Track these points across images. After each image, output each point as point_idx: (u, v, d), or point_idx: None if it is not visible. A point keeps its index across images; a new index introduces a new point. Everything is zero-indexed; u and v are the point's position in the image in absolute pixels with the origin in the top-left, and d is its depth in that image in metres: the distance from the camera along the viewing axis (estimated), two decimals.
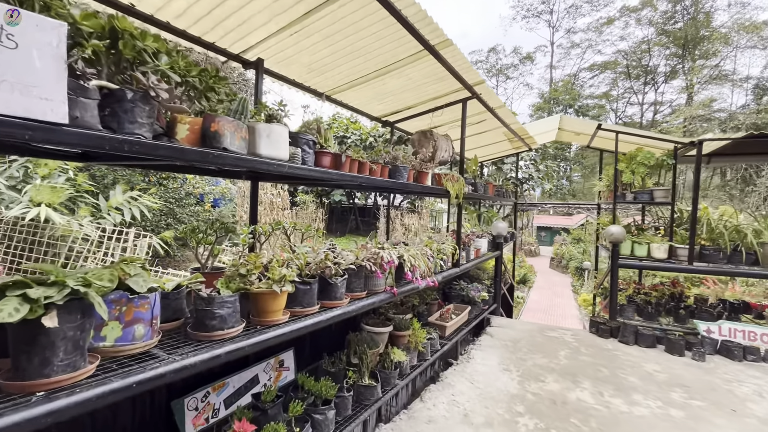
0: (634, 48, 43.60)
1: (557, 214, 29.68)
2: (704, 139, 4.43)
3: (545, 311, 11.85)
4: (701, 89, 39.05)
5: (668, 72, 41.92)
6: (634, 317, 5.07)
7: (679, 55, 40.52)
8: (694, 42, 38.59)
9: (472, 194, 4.40)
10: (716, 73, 38.15)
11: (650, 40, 42.03)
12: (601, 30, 46.05)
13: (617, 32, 46.31)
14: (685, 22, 39.04)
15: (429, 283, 2.85)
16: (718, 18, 37.70)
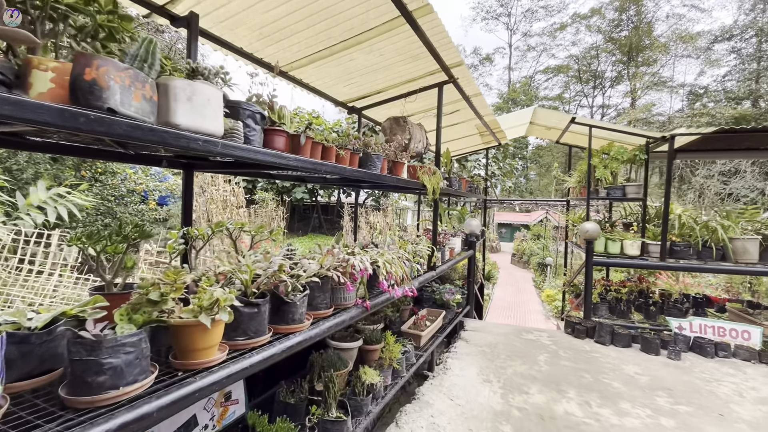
0: (584, 53, 45.93)
1: (516, 211, 30.55)
2: (676, 133, 4.36)
3: (511, 308, 11.91)
4: (643, 94, 41.91)
5: (614, 77, 44.57)
6: (606, 315, 4.97)
7: (624, 61, 43.15)
8: (637, 50, 41.26)
9: (447, 189, 4.04)
10: (656, 80, 41.07)
11: (599, 46, 44.44)
12: (555, 35, 48.15)
13: (569, 38, 48.65)
14: (630, 31, 41.62)
15: (407, 292, 2.43)
16: (658, 28, 40.43)
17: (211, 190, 7.98)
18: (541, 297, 12.80)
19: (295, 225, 30.28)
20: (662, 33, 40.70)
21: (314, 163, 1.71)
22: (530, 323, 10.28)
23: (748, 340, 4.15)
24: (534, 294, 14.06)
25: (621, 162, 4.70)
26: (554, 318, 10.45)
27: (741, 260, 4.30)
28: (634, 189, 4.74)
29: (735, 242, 4.23)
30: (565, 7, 50.48)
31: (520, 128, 6.32)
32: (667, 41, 39.83)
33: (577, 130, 5.52)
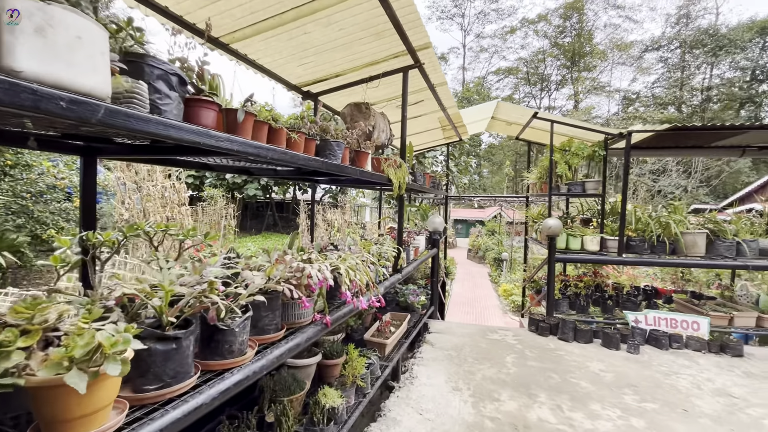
0: (532, 57, 48.14)
1: (474, 208, 31.34)
2: (632, 130, 4.42)
3: (470, 303, 12.03)
4: (585, 97, 44.87)
5: (559, 80, 47.25)
6: (567, 311, 4.99)
7: (568, 66, 45.82)
8: (579, 55, 43.96)
9: (412, 185, 3.76)
10: (595, 84, 44.10)
11: (545, 51, 46.79)
12: (506, 38, 50.01)
13: (519, 41, 50.70)
14: (573, 38, 44.23)
15: (373, 302, 2.11)
16: (597, 36, 43.36)
17: (147, 185, 7.12)
18: (498, 292, 13.08)
19: (248, 223, 28.84)
20: (601, 41, 43.69)
21: (257, 147, 1.32)
22: (489, 319, 10.41)
23: (698, 331, 4.32)
24: (491, 289, 14.37)
25: (581, 158, 4.70)
26: (511, 312, 10.68)
27: (690, 253, 4.46)
28: (593, 185, 4.77)
29: (686, 236, 4.38)
30: (514, 12, 52.67)
31: (481, 123, 6.23)
32: (605, 49, 42.86)
33: (538, 125, 5.50)
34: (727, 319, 4.45)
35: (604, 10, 43.59)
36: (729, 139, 4.89)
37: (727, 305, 4.84)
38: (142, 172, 7.16)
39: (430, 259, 5.12)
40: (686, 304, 4.97)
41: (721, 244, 4.41)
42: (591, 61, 44.19)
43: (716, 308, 4.63)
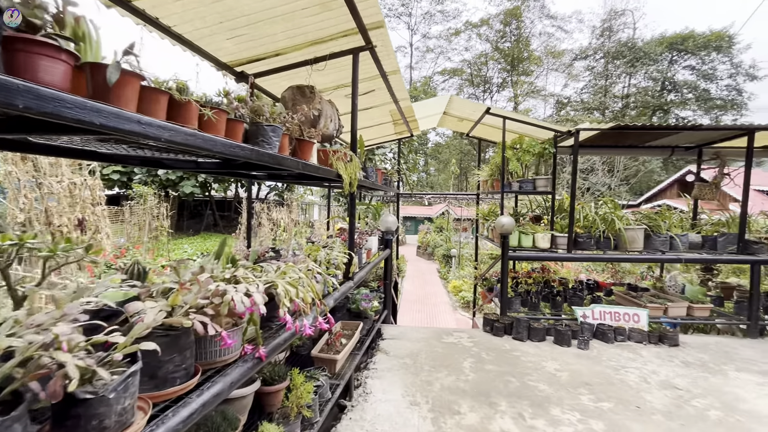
0: (475, 59, 50.00)
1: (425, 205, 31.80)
2: (580, 128, 4.48)
3: (420, 301, 12.00)
4: (523, 100, 47.59)
5: (500, 83, 49.61)
6: (520, 309, 4.98)
7: (508, 70, 48.23)
8: (518, 60, 46.45)
9: (363, 182, 3.43)
10: (533, 88, 46.95)
11: (487, 54, 48.81)
12: (451, 39, 51.39)
13: (463, 43, 52.36)
14: (512, 43, 46.61)
15: (321, 324, 1.75)
16: (534, 43, 46.13)
17: (50, 181, 6.02)
18: (447, 289, 13.23)
19: (185, 223, 26.63)
20: (537, 47, 46.56)
21: (145, 124, 0.90)
22: (440, 316, 10.44)
23: (638, 323, 4.49)
24: (440, 285, 14.53)
25: (533, 155, 4.69)
26: (461, 309, 10.80)
27: (631, 248, 4.64)
28: (543, 182, 4.78)
29: (628, 232, 4.53)
30: (459, 14, 54.28)
31: (433, 118, 6.06)
32: (541, 55, 45.75)
33: (488, 122, 5.44)
34: (662, 309, 4.69)
35: (539, 18, 46.43)
36: (661, 140, 5.18)
37: (660, 296, 5.14)
38: (43, 166, 6.05)
39: (383, 261, 4.84)
40: (625, 296, 5.19)
41: (656, 238, 4.63)
42: (528, 66, 46.90)
43: (652, 300, 4.88)
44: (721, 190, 5.17)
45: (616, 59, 38.02)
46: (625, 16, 39.34)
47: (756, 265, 4.47)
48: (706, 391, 3.24)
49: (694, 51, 34.92)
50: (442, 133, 50.49)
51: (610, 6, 40.53)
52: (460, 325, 9.59)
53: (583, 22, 54.04)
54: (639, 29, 42.07)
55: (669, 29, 42.63)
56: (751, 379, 3.48)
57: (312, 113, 2.19)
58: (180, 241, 20.50)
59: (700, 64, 35.39)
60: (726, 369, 3.70)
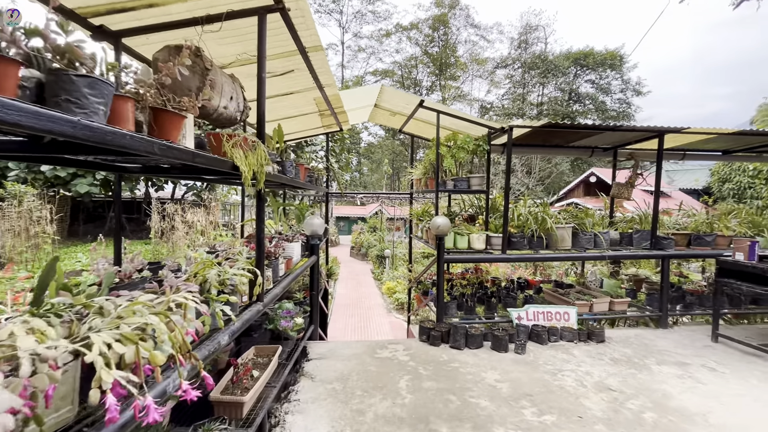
0: (406, 61, 50.93)
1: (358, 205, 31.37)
2: (513, 125, 4.36)
3: (354, 305, 11.53)
4: (450, 104, 49.67)
5: (429, 86, 51.21)
6: (456, 313, 4.75)
7: (436, 73, 49.93)
8: (446, 65, 48.35)
9: (279, 177, 2.83)
10: (459, 93, 49.23)
11: (417, 57, 50.01)
12: (382, 40, 51.70)
13: (394, 45, 53.03)
14: (440, 48, 48.35)
15: (189, 393, 1.15)
16: (460, 49, 48.35)
17: None
18: (382, 290, 12.94)
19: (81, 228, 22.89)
20: (462, 54, 48.89)
21: None
22: (374, 320, 10.07)
23: (568, 321, 4.52)
24: (374, 287, 14.21)
25: (467, 152, 4.47)
26: (396, 311, 10.56)
27: (560, 247, 4.65)
28: (477, 180, 4.60)
29: (558, 231, 4.53)
30: (390, 16, 54.92)
31: (363, 111, 5.61)
32: (466, 62, 48.16)
33: (423, 117, 5.14)
34: (588, 306, 4.79)
35: (464, 27, 48.76)
36: (583, 140, 5.33)
37: (585, 292, 5.29)
38: None
39: (309, 269, 4.25)
40: (554, 294, 5.26)
41: (583, 236, 4.70)
42: (455, 71, 49.03)
43: (579, 297, 4.98)
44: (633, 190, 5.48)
45: (532, 70, 41.46)
46: (538, 31, 43.07)
47: (666, 260, 4.75)
48: (637, 390, 3.23)
49: (594, 67, 39.48)
50: (374, 133, 50.67)
51: (525, 21, 44.03)
52: (394, 328, 9.31)
53: (503, 33, 58.16)
54: (550, 44, 46.46)
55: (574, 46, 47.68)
56: (671, 372, 3.59)
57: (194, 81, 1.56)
58: (74, 249, 17.48)
59: (598, 79, 40.12)
60: (648, 363, 3.79)
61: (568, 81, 40.14)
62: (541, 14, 54.23)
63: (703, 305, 5.06)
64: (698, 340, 4.41)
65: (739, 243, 4.15)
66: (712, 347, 4.22)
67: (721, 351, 4.12)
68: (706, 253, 4.79)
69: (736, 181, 20.53)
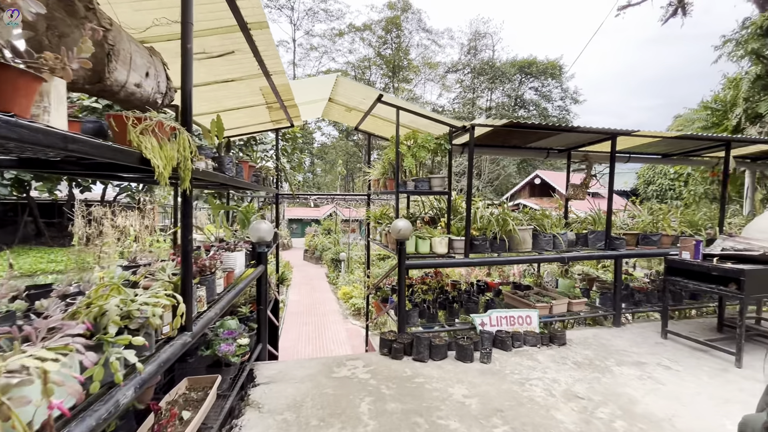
0: (359, 62, 50.63)
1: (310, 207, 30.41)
2: (475, 123, 4.20)
3: (308, 312, 10.96)
4: None
5: (383, 88, 51.31)
6: (418, 322, 4.49)
7: (390, 75, 50.19)
8: (399, 68, 48.73)
9: (212, 175, 2.36)
10: (412, 95, 49.86)
11: (370, 58, 49.90)
12: (335, 40, 50.96)
13: (347, 45, 52.50)
14: (393, 50, 48.66)
15: None
16: (412, 53, 48.98)
17: None
18: (337, 295, 12.47)
19: None
20: (415, 57, 49.59)
21: None
22: (330, 327, 9.60)
23: (530, 325, 4.44)
24: (329, 291, 13.70)
25: (428, 150, 4.23)
26: (352, 317, 10.17)
27: (521, 249, 4.57)
28: (439, 181, 4.38)
29: (519, 233, 4.43)
30: (342, 16, 54.31)
31: (317, 106, 5.18)
32: (419, 65, 48.91)
33: (381, 114, 4.84)
34: (548, 308, 4.76)
35: (416, 30, 49.46)
36: (540, 141, 5.34)
37: (543, 293, 5.28)
38: None
39: (256, 280, 3.76)
40: (514, 296, 5.19)
41: (542, 238, 4.66)
42: (408, 74, 49.57)
43: (539, 298, 4.94)
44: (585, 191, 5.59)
45: (481, 75, 43.07)
46: (486, 38, 44.86)
47: (619, 259, 4.86)
48: (604, 396, 3.16)
49: (537, 75, 41.91)
50: (328, 134, 49.82)
51: (474, 28, 45.64)
52: (351, 335, 8.92)
53: (453, 39, 59.79)
54: (497, 51, 48.60)
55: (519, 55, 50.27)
56: (632, 374, 3.59)
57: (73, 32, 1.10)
58: None
59: (541, 87, 42.65)
60: (609, 365, 3.78)
61: (514, 87, 42.22)
62: (489, 22, 56.69)
63: (649, 302, 5.26)
64: (650, 338, 4.53)
65: (686, 242, 4.31)
66: (663, 344, 4.35)
67: (671, 347, 4.24)
68: (655, 252, 4.96)
69: (658, 184, 22.65)
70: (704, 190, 14.95)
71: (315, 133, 48.68)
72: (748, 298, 3.71)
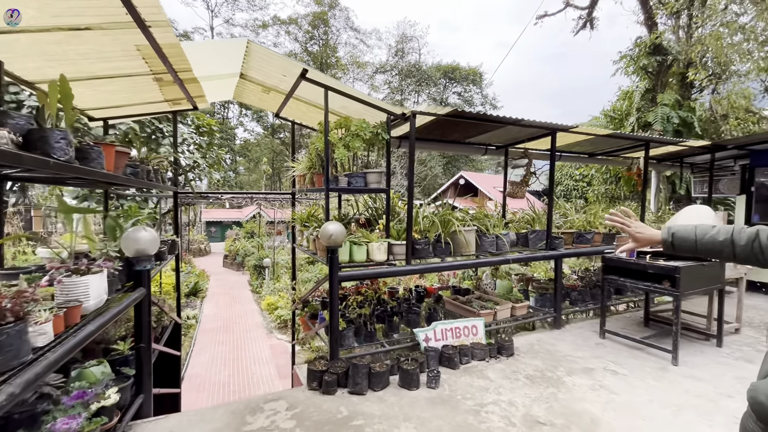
0: None
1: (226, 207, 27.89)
2: (417, 111, 3.67)
3: (226, 328, 9.62)
4: None
5: None
6: (355, 343, 3.83)
7: None
8: (327, 65, 47.53)
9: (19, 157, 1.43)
10: None
11: (297, 54, 47.89)
12: (258, 32, 47.85)
13: (272, 38, 49.65)
14: (320, 47, 47.31)
15: None
16: (340, 50, 48.12)
17: None
18: (261, 306, 11.23)
19: None
20: (343, 56, 48.80)
21: None
22: (252, 345, 8.46)
23: (477, 335, 4.05)
24: (252, 301, 12.35)
25: (364, 140, 3.59)
26: (278, 331, 9.11)
27: (465, 252, 4.17)
28: (376, 177, 3.76)
29: (464, 234, 4.02)
30: (266, 6, 51.44)
31: (226, 83, 4.21)
32: (347, 63, 48.22)
33: (306, 96, 4.08)
34: (492, 314, 4.44)
35: (344, 29, 48.67)
36: (480, 137, 5.04)
37: (485, 297, 4.99)
38: None
39: (132, 308, 2.74)
40: (455, 303, 4.80)
41: (486, 239, 4.32)
42: (336, 72, 48.56)
43: (482, 304, 4.61)
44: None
45: (408, 77, 43.87)
46: (413, 41, 45.84)
47: (559, 259, 4.73)
48: (565, 418, 2.81)
49: (460, 80, 43.95)
50: (251, 130, 46.69)
51: (402, 30, 46.37)
52: (277, 353, 7.92)
53: (381, 40, 60.44)
54: (423, 55, 50.05)
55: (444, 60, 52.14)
56: (584, 384, 3.35)
57: None
58: None
59: (463, 92, 44.83)
60: (560, 375, 3.51)
61: (440, 91, 43.75)
62: (416, 25, 58.15)
63: (584, 300, 5.26)
64: (589, 339, 4.44)
65: (622, 240, 4.27)
66: (603, 345, 4.27)
67: (611, 348, 4.17)
68: (593, 250, 4.94)
69: (565, 184, 25.00)
70: (605, 189, 16.66)
71: (237, 128, 45.28)
72: (683, 294, 3.71)
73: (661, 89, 13.52)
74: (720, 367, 3.70)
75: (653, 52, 13.37)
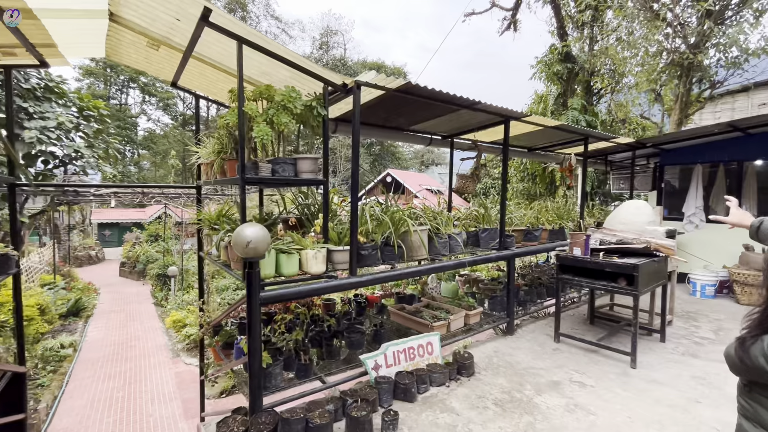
0: None
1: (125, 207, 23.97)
2: (362, 82, 2.91)
3: (118, 355, 7.80)
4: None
5: None
6: (281, 382, 2.93)
7: None
8: None
9: None
10: None
11: None
12: None
13: None
14: None
15: None
16: None
17: None
18: (165, 323, 9.44)
19: None
20: None
21: None
22: (152, 375, 6.88)
23: (432, 354, 3.44)
24: (154, 317, 10.41)
25: (294, 116, 2.71)
26: (187, 354, 7.61)
27: (417, 255, 3.53)
28: (310, 164, 2.90)
29: (417, 235, 3.37)
30: None
31: (90, 30, 2.94)
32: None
33: (213, 54, 3.06)
34: (446, 326, 3.89)
35: (264, 16, 45.53)
36: (425, 123, 4.47)
37: (434, 305, 4.44)
38: None
39: None
40: (402, 314, 4.17)
41: (438, 240, 3.73)
42: None
43: (434, 314, 4.04)
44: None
45: (333, 72, 42.68)
46: (338, 36, 44.72)
47: (512, 259, 4.36)
48: None
49: None
50: (157, 119, 41.27)
51: (326, 23, 44.90)
52: (183, 386, 6.51)
53: (305, 31, 57.86)
54: (348, 50, 49.04)
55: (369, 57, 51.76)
56: (557, 404, 2.93)
57: None
58: None
59: None
60: (530, 395, 3.06)
61: None
62: (341, 19, 56.99)
63: (532, 300, 5.01)
64: (545, 344, 4.15)
65: (576, 237, 4.02)
66: (560, 350, 3.98)
67: (568, 354, 3.89)
68: (546, 247, 4.68)
69: (484, 183, 26.39)
70: (522, 187, 17.70)
71: (139, 117, 39.65)
72: (641, 292, 3.53)
73: (571, 95, 14.63)
74: (674, 366, 3.59)
75: (564, 60, 14.37)
